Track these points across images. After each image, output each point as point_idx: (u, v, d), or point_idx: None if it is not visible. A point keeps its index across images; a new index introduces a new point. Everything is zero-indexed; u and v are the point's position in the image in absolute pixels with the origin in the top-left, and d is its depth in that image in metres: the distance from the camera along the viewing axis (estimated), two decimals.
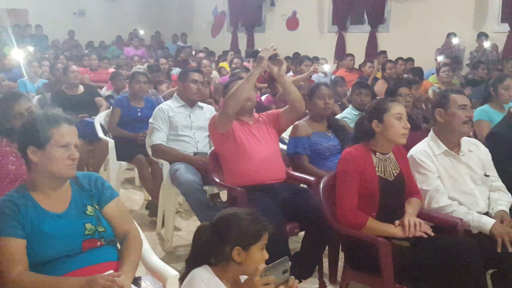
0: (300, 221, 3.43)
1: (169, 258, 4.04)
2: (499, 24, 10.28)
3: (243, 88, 3.49)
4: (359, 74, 9.56)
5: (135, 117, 5.37)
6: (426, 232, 2.76)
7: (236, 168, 3.61)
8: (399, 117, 2.90)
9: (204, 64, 8.12)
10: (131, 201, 5.56)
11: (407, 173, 3.03)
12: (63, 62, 9.11)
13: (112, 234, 2.36)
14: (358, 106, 4.97)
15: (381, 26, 12.31)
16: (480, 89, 7.21)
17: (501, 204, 3.07)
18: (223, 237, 2.01)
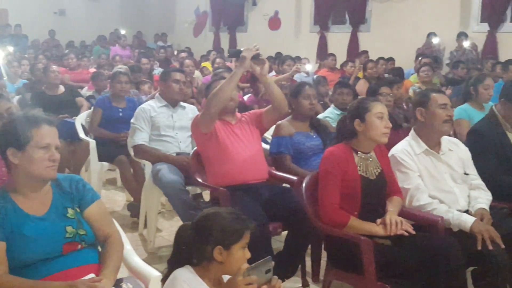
0: (283, 221, 3.44)
1: (152, 259, 4.02)
2: (478, 24, 10.40)
3: (226, 88, 3.49)
4: (340, 73, 9.61)
5: (117, 117, 5.34)
6: (407, 230, 2.79)
7: (218, 168, 3.61)
8: (380, 116, 2.92)
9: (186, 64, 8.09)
10: (113, 202, 5.52)
11: (388, 172, 3.06)
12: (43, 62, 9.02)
13: (93, 237, 2.34)
14: (340, 105, 5.00)
15: (362, 26, 12.38)
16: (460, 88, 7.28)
17: (481, 202, 3.11)
18: (204, 237, 2.01)
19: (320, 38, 13.10)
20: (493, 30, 10.09)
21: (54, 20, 16.36)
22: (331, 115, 4.93)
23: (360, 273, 2.74)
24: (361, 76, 8.61)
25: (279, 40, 13.39)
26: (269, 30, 14.34)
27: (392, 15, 11.49)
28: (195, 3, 16.69)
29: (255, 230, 3.10)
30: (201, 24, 16.78)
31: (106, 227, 2.40)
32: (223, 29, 15.85)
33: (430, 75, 7.58)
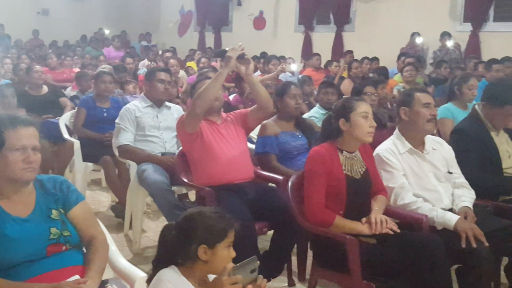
0: (269, 220, 3.44)
1: (137, 260, 4.00)
2: (461, 23, 10.49)
3: (211, 88, 3.48)
4: (325, 73, 9.64)
5: (101, 117, 5.30)
6: (392, 228, 2.81)
7: (204, 168, 3.60)
8: (365, 115, 2.93)
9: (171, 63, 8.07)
10: (98, 202, 5.49)
11: (373, 171, 3.07)
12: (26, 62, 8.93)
13: (77, 239, 2.32)
14: (325, 105, 5.02)
15: (347, 26, 12.43)
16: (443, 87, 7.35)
17: (465, 200, 3.14)
18: (188, 236, 2.00)
19: (304, 38, 13.13)
20: (476, 30, 10.19)
21: (37, 19, 16.24)
22: (316, 115, 4.95)
23: (346, 271, 2.75)
24: (345, 76, 8.64)
25: (264, 40, 13.41)
26: (254, 30, 14.35)
27: (376, 15, 11.55)
28: (180, 3, 16.65)
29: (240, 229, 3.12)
30: (186, 24, 16.74)
31: (91, 228, 2.38)
32: (208, 29, 15.84)
33: (414, 74, 7.63)
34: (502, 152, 3.50)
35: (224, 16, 15.48)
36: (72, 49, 13.81)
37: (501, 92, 3.55)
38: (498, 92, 3.57)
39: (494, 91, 3.63)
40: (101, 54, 11.05)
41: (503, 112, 3.47)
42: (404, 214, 3.04)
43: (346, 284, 2.94)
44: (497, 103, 3.48)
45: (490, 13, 10.18)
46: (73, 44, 15.29)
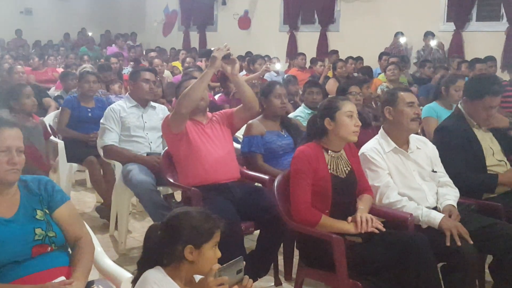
0: (255, 220, 3.45)
1: (123, 260, 3.99)
2: (444, 23, 10.57)
3: (197, 88, 3.47)
4: (310, 73, 9.66)
5: (86, 117, 5.27)
6: (377, 227, 2.82)
7: (190, 168, 3.60)
8: (350, 115, 2.95)
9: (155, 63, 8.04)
10: (83, 203, 5.46)
11: (358, 170, 3.09)
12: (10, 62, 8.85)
13: (63, 239, 2.30)
14: (310, 104, 5.02)
15: (331, 25, 12.47)
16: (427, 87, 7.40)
17: (449, 199, 3.16)
18: (174, 236, 1.99)
19: (289, 37, 13.15)
20: (459, 29, 10.28)
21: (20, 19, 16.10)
22: (301, 114, 4.96)
23: (332, 270, 2.76)
24: (330, 75, 8.67)
25: (249, 40, 13.42)
26: (239, 30, 14.34)
27: (360, 15, 11.60)
28: (164, 2, 16.59)
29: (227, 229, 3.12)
30: (171, 23, 16.69)
31: (76, 229, 2.36)
32: (193, 28, 15.79)
33: (397, 74, 7.67)
34: (486, 150, 3.53)
35: (209, 15, 15.45)
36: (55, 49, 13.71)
37: (479, 85, 3.59)
38: (477, 85, 3.62)
39: (473, 84, 3.68)
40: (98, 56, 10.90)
41: (484, 104, 3.49)
42: (390, 213, 3.05)
43: (332, 283, 2.95)
44: (477, 95, 3.50)
45: (473, 12, 10.27)
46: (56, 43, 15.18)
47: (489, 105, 3.50)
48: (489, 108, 3.51)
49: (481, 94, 3.49)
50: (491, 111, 3.53)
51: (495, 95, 3.52)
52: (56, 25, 16.02)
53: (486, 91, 3.50)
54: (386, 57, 9.41)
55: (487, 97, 3.48)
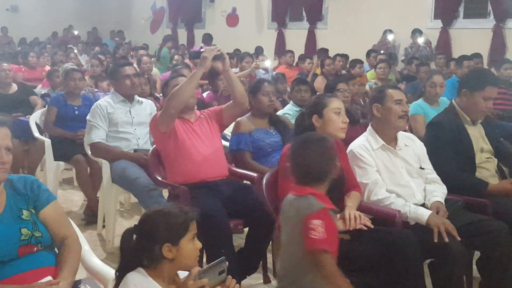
0: (244, 218, 3.44)
1: (111, 259, 3.96)
2: (432, 20, 10.61)
3: (186, 88, 3.45)
4: (299, 70, 9.66)
5: (72, 115, 5.23)
6: (366, 224, 2.82)
7: (178, 166, 3.58)
8: (337, 112, 2.96)
9: (144, 60, 7.99)
10: (70, 202, 5.42)
11: (346, 167, 3.09)
12: None
13: (49, 239, 2.29)
14: (298, 102, 5.03)
15: (319, 23, 12.48)
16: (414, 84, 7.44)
17: (437, 195, 3.18)
18: (150, 238, 1.98)
19: (278, 35, 13.15)
20: (446, 27, 10.32)
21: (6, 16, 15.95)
22: (290, 112, 4.96)
23: None
24: (319, 73, 8.68)
25: (237, 37, 13.38)
26: (227, 27, 14.31)
27: (348, 12, 11.62)
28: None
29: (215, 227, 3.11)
30: (158, 21, 16.62)
31: (62, 228, 2.35)
32: (181, 26, 15.73)
33: (387, 72, 7.71)
34: (476, 146, 3.56)
35: (196, 13, 15.39)
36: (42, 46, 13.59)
37: (480, 76, 3.65)
38: (478, 76, 3.66)
39: (473, 76, 3.72)
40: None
41: (484, 94, 3.53)
42: (378, 210, 3.06)
43: None
44: (479, 86, 3.54)
45: (460, 10, 10.32)
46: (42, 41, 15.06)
47: (489, 95, 3.55)
48: (489, 99, 3.56)
49: (482, 85, 3.54)
50: (490, 103, 3.59)
51: (495, 85, 3.61)
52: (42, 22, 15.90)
53: (487, 81, 3.57)
54: (374, 54, 9.43)
55: (488, 87, 3.54)
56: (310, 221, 2.26)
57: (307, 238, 2.26)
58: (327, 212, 2.32)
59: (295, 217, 2.34)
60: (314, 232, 2.24)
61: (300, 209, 2.33)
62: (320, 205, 2.31)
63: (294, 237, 2.35)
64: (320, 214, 2.28)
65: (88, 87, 6.48)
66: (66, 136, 5.11)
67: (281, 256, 2.46)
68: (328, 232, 2.26)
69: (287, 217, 2.43)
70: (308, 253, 2.27)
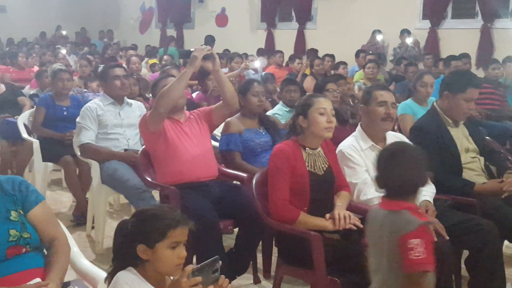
0: (234, 218, 3.44)
1: (100, 260, 3.94)
2: (420, 21, 10.67)
3: (176, 87, 3.45)
4: (288, 70, 9.67)
5: (61, 116, 5.20)
6: (355, 224, 2.84)
7: (168, 166, 3.58)
8: (322, 112, 2.95)
9: (133, 61, 7.97)
10: (59, 203, 5.39)
11: (336, 167, 3.10)
12: None
13: (38, 240, 2.27)
14: (288, 102, 5.04)
15: (308, 23, 12.50)
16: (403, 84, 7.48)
17: (425, 195, 3.18)
18: (130, 236, 1.98)
19: (267, 35, 13.16)
20: (434, 27, 10.38)
21: None
22: (279, 112, 4.97)
23: (310, 267, 2.77)
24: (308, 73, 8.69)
25: (226, 37, 13.36)
26: (217, 27, 14.30)
27: (337, 12, 11.65)
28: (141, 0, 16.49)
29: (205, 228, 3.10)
30: (147, 21, 16.57)
31: (51, 229, 2.33)
32: (170, 26, 15.70)
33: (376, 72, 7.74)
34: (460, 147, 3.57)
35: (186, 13, 15.36)
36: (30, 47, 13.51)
37: (461, 78, 3.65)
38: (459, 78, 3.66)
39: (454, 79, 3.71)
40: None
41: (466, 96, 3.53)
42: (367, 210, 3.05)
43: (310, 280, 2.96)
44: (460, 88, 3.54)
45: (448, 10, 10.38)
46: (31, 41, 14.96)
47: (471, 97, 3.55)
48: (471, 101, 3.56)
49: (464, 87, 3.54)
50: (472, 104, 3.59)
51: (477, 87, 3.60)
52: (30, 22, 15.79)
53: (469, 83, 3.56)
54: (363, 54, 9.46)
55: (470, 89, 3.54)
56: (408, 240, 2.10)
57: (407, 259, 2.09)
58: (426, 228, 2.17)
59: (390, 234, 2.18)
60: (413, 252, 2.08)
61: (396, 226, 2.17)
62: (418, 222, 2.14)
63: (388, 255, 2.20)
64: (420, 231, 2.12)
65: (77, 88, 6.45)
66: (55, 137, 5.08)
67: (373, 273, 2.33)
68: (427, 249, 2.11)
69: (377, 234, 2.27)
70: (407, 273, 2.12)
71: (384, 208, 2.27)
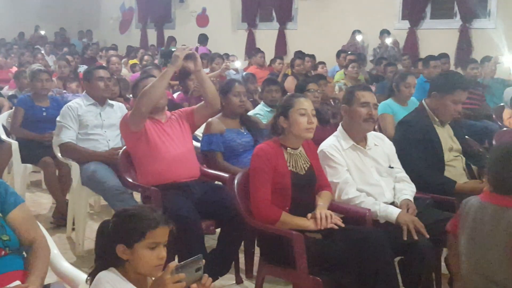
0: (216, 218, 3.44)
1: (81, 262, 3.91)
2: (400, 21, 10.75)
3: (157, 87, 3.44)
4: (269, 70, 9.68)
5: (40, 117, 5.15)
6: (337, 223, 2.85)
7: (149, 167, 3.56)
8: (303, 112, 2.96)
9: (113, 61, 7.92)
10: (39, 205, 5.34)
11: (317, 167, 3.11)
12: None
13: (17, 243, 2.25)
14: (269, 102, 5.04)
15: (289, 23, 12.53)
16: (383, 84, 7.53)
17: (406, 193, 3.22)
18: (109, 236, 1.98)
19: (248, 35, 13.16)
20: (413, 27, 10.47)
21: None
22: (261, 112, 4.97)
23: (293, 267, 2.78)
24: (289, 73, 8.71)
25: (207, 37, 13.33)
26: (197, 27, 14.26)
27: (318, 13, 11.69)
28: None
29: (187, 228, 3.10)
30: (127, 21, 16.46)
31: (31, 231, 2.31)
32: (150, 26, 15.62)
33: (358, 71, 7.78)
34: (445, 145, 3.62)
35: (166, 13, 15.29)
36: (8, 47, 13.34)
37: (450, 80, 3.68)
38: (448, 80, 3.69)
39: (443, 80, 3.74)
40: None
41: (454, 98, 3.57)
42: (348, 209, 3.09)
43: (293, 279, 2.97)
44: (448, 90, 3.57)
45: (427, 10, 10.47)
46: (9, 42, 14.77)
47: (459, 99, 3.59)
48: (458, 103, 3.60)
49: (452, 88, 3.58)
50: (459, 106, 3.63)
51: (465, 89, 3.64)
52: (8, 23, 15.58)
53: (457, 85, 3.60)
54: (344, 54, 9.50)
55: (458, 91, 3.58)
56: None
57: None
58: None
59: (505, 230, 2.23)
60: None
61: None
62: None
63: (499, 251, 2.25)
64: None
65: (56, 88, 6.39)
66: (34, 138, 5.03)
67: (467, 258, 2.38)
68: None
69: (484, 227, 2.31)
70: None
71: (493, 203, 2.31)
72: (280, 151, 2.99)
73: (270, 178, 2.90)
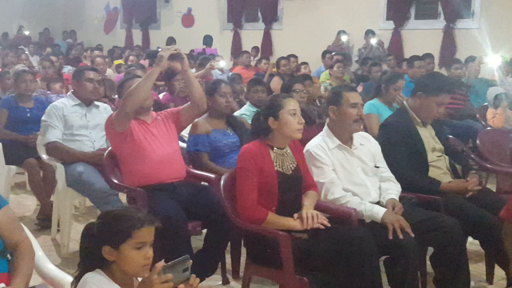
0: (202, 219, 3.43)
1: (66, 264, 3.88)
2: (384, 21, 10.82)
3: (143, 87, 3.42)
4: (255, 71, 9.68)
5: (24, 118, 5.10)
6: (323, 223, 2.86)
7: (135, 168, 3.54)
8: (293, 113, 2.97)
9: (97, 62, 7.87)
10: (23, 206, 5.29)
11: (303, 167, 3.12)
12: None
13: (1, 245, 2.23)
14: (255, 102, 5.04)
15: (275, 23, 12.56)
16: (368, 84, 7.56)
17: (391, 193, 3.24)
18: (93, 238, 1.97)
19: (234, 35, 13.16)
20: (398, 28, 10.55)
21: None
22: (247, 113, 4.97)
23: (279, 267, 2.79)
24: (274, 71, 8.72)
25: (193, 38, 13.32)
26: (183, 28, 14.23)
27: (303, 13, 11.73)
28: None
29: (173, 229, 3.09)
30: (112, 21, 16.39)
31: (15, 234, 2.29)
32: (136, 26, 15.56)
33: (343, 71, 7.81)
34: (427, 146, 3.64)
35: (151, 13, 15.25)
36: None
37: (437, 82, 3.71)
38: (435, 82, 3.71)
39: (430, 81, 3.75)
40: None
41: (438, 100, 3.60)
42: (334, 209, 3.10)
43: (279, 280, 2.98)
44: (434, 92, 3.60)
45: (411, 11, 10.56)
46: None
47: (442, 101, 3.62)
48: (441, 105, 3.63)
49: (437, 91, 3.61)
50: (442, 108, 3.67)
51: (449, 93, 3.70)
52: None
53: (443, 88, 3.63)
54: (329, 55, 9.53)
55: (442, 95, 3.61)
56: None
57: None
58: None
59: None
60: None
61: None
62: None
63: None
64: None
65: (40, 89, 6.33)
66: (18, 139, 4.98)
67: None
68: None
69: None
70: None
71: None
72: (267, 151, 2.99)
73: (256, 178, 2.90)
